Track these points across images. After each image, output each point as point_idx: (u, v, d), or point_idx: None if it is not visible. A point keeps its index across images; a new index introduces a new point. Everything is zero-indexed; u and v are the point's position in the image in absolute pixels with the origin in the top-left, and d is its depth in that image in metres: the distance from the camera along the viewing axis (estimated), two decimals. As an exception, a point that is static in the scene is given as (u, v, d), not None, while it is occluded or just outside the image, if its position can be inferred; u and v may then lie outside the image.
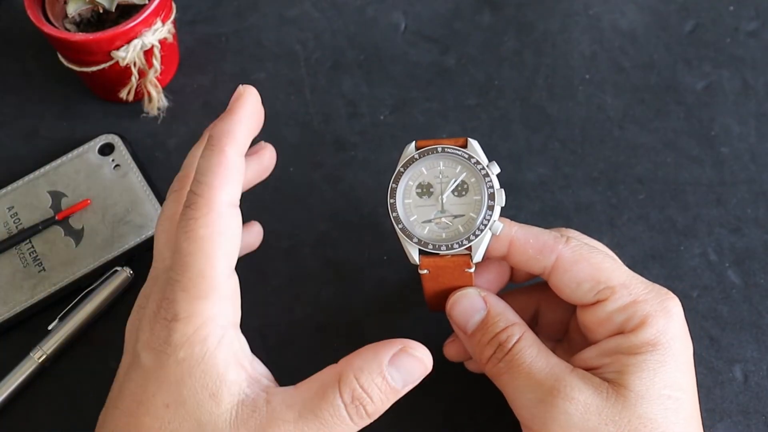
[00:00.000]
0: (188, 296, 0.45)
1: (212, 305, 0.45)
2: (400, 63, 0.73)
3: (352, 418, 0.46)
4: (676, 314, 0.49)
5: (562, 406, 0.46)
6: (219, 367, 0.45)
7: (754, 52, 0.72)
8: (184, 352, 0.45)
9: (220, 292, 0.46)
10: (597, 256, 0.50)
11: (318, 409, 0.45)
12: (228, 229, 0.46)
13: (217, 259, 0.46)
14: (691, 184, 0.66)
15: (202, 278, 0.45)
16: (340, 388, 0.45)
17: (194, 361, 0.45)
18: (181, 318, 0.45)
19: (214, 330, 0.45)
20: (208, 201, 0.46)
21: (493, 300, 0.51)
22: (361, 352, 0.47)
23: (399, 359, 0.47)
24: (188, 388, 0.45)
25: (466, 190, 0.52)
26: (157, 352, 0.45)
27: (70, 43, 0.64)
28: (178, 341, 0.45)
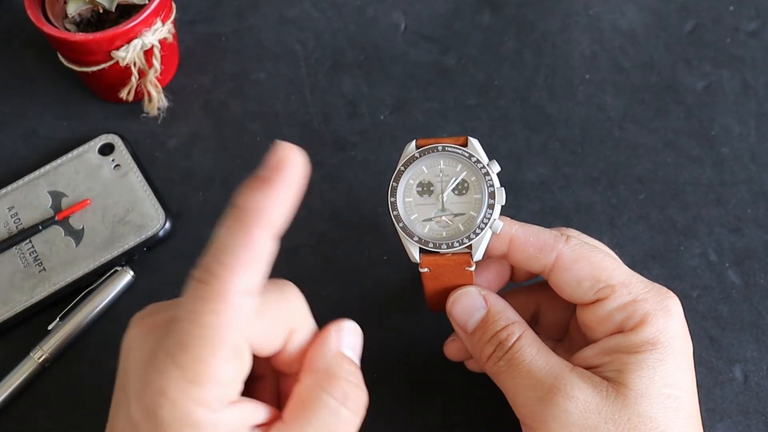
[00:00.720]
0: (183, 377, 0.39)
1: (208, 391, 0.40)
2: (400, 63, 0.73)
3: (352, 410, 0.44)
4: (675, 313, 0.49)
5: (562, 404, 0.46)
6: None
7: (754, 52, 0.72)
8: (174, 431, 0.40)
9: (218, 378, 0.40)
10: (597, 255, 0.50)
11: (320, 422, 0.43)
12: (237, 322, 0.40)
13: (220, 349, 0.39)
14: (691, 184, 0.66)
15: (201, 365, 0.39)
16: (329, 392, 0.44)
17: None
18: (169, 397, 0.39)
19: (207, 415, 0.40)
20: (222, 287, 0.39)
21: (493, 299, 0.51)
22: (313, 355, 0.45)
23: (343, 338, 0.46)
24: None
25: (466, 189, 0.52)
26: (147, 419, 0.40)
27: (70, 43, 0.64)
28: (167, 419, 0.40)
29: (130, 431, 0.41)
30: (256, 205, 0.40)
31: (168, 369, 0.39)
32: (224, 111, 0.71)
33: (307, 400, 0.44)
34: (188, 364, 0.39)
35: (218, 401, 0.41)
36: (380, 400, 0.59)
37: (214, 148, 0.69)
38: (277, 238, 0.41)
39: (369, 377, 0.59)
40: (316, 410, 0.43)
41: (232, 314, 0.39)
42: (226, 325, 0.39)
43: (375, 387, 0.59)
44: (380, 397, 0.59)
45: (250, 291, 0.40)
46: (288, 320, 0.45)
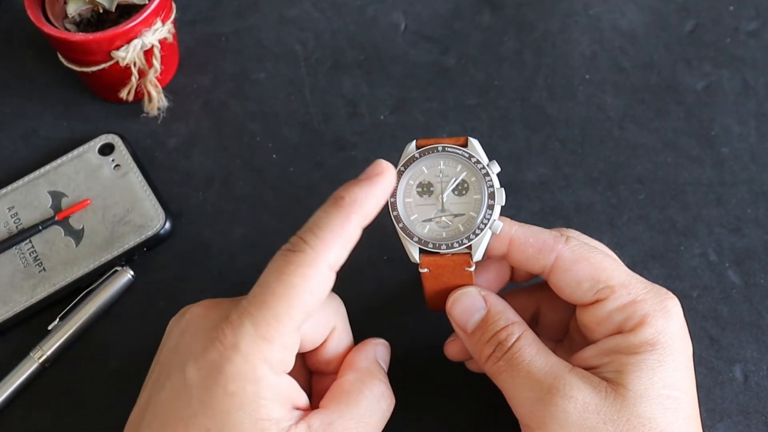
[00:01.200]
0: (256, 333, 0.44)
1: (275, 351, 0.44)
2: (400, 63, 0.73)
3: (384, 410, 0.50)
4: (675, 314, 0.49)
5: (561, 404, 0.46)
6: (268, 406, 0.44)
7: (754, 52, 0.72)
8: (235, 386, 0.44)
9: (285, 341, 0.45)
10: (597, 256, 0.50)
11: (359, 413, 0.48)
12: (320, 289, 0.46)
13: (297, 311, 0.45)
14: (691, 184, 0.66)
15: (276, 322, 0.44)
16: (369, 388, 0.49)
17: (245, 398, 0.44)
18: (240, 350, 0.44)
19: (269, 374, 0.44)
20: (315, 255, 0.45)
21: (493, 299, 0.51)
22: (357, 357, 0.52)
23: (380, 352, 0.53)
24: (235, 421, 0.44)
25: (466, 189, 0.52)
26: (206, 375, 0.44)
27: (70, 43, 0.64)
28: (231, 373, 0.43)
29: (181, 393, 0.45)
30: (356, 196, 0.47)
31: (243, 325, 0.44)
32: (224, 111, 0.71)
33: (349, 393, 0.49)
34: (264, 320, 0.44)
35: (281, 363, 0.45)
36: (380, 400, 0.59)
37: (214, 148, 0.69)
38: (363, 228, 0.48)
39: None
40: (358, 401, 0.48)
41: (319, 281, 0.45)
42: (311, 290, 0.45)
43: (375, 387, 0.59)
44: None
45: (335, 267, 0.46)
46: (332, 319, 0.52)
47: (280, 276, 0.45)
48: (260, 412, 0.44)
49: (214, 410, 0.44)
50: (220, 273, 0.64)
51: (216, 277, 0.63)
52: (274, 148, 0.69)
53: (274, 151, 0.69)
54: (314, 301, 0.45)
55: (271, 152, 0.69)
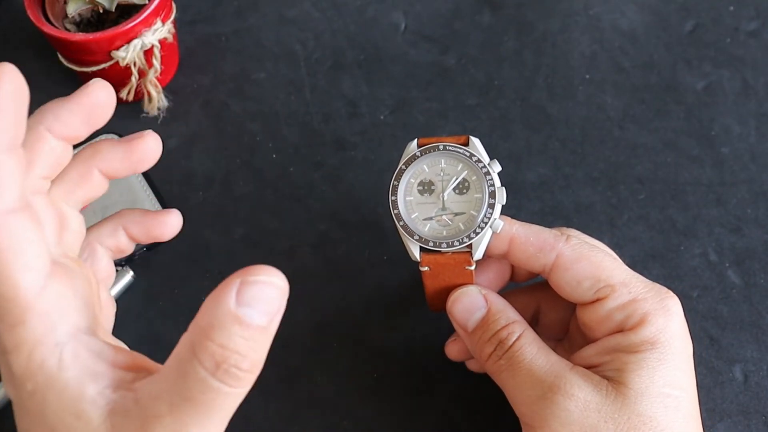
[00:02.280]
0: (6, 325, 0.37)
1: (33, 328, 0.37)
2: (400, 63, 0.73)
3: (229, 384, 0.37)
4: (675, 313, 0.49)
5: (562, 402, 0.46)
6: (72, 387, 0.38)
7: (754, 52, 0.72)
8: (30, 384, 0.38)
9: (37, 309, 0.37)
10: (597, 255, 0.50)
11: (187, 390, 0.37)
12: (16, 239, 0.36)
13: (16, 277, 0.36)
14: (691, 184, 0.66)
15: (10, 302, 0.37)
16: (198, 358, 0.36)
17: (44, 389, 0.38)
18: (9, 350, 0.38)
19: (48, 352, 0.38)
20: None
21: (493, 298, 0.51)
22: (204, 307, 0.37)
23: (245, 294, 0.36)
24: (51, 416, 0.38)
25: (467, 188, 0.52)
26: (13, 386, 0.39)
27: (70, 43, 0.64)
28: (20, 373, 0.38)
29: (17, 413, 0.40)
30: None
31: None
32: (224, 111, 0.71)
33: (180, 361, 0.37)
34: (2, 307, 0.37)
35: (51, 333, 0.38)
36: (380, 399, 0.59)
37: (214, 148, 0.69)
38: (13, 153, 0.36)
39: (370, 377, 0.59)
40: (185, 374, 0.37)
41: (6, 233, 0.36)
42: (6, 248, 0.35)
43: (375, 386, 0.59)
44: (380, 397, 0.59)
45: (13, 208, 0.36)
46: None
47: None
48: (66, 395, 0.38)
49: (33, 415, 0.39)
50: (220, 273, 0.64)
51: (216, 277, 0.63)
52: (274, 148, 0.69)
53: (274, 151, 0.69)
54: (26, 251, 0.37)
55: (271, 152, 0.69)
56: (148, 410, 0.37)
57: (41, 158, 0.43)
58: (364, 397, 0.59)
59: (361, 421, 0.58)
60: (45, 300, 0.38)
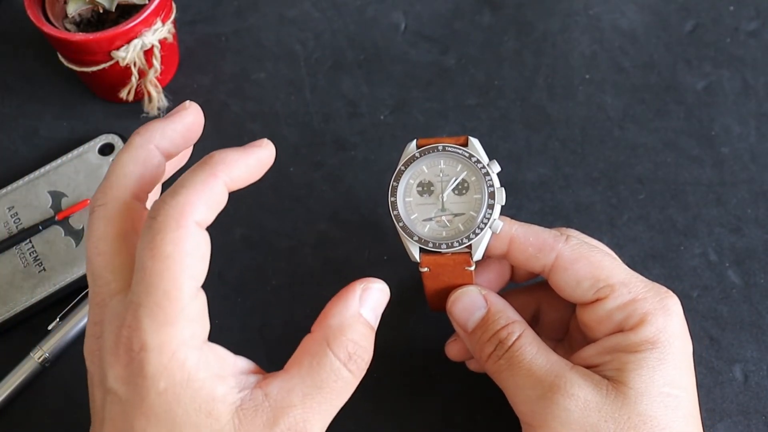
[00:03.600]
0: (155, 323, 0.41)
1: (182, 330, 0.41)
2: (400, 63, 0.73)
3: (354, 373, 0.45)
4: (675, 312, 0.49)
5: (562, 402, 0.46)
6: (206, 387, 0.42)
7: (754, 52, 0.72)
8: (164, 382, 0.41)
9: (187, 314, 0.41)
10: (597, 255, 0.50)
11: (320, 380, 0.44)
12: (196, 249, 0.41)
13: (183, 280, 0.41)
14: (691, 184, 0.66)
15: (168, 301, 0.41)
16: (333, 351, 0.44)
17: (178, 388, 0.41)
18: (152, 348, 0.41)
19: (191, 352, 0.42)
20: (179, 216, 0.41)
21: (493, 298, 0.51)
22: (331, 311, 0.46)
23: (368, 300, 0.47)
24: (180, 415, 0.41)
25: (466, 189, 0.52)
26: (135, 386, 0.41)
27: (70, 43, 0.64)
28: (155, 372, 0.41)
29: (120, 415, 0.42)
30: (225, 157, 0.44)
31: (140, 321, 0.41)
32: (224, 111, 0.71)
33: (313, 355, 0.45)
34: (157, 305, 0.40)
35: (194, 338, 0.42)
36: (381, 399, 0.59)
37: (214, 148, 0.69)
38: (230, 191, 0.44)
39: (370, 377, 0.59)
40: (319, 366, 0.44)
41: (192, 240, 0.41)
42: (186, 252, 0.41)
43: (376, 387, 0.59)
44: (381, 397, 0.59)
45: (203, 223, 0.42)
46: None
47: (153, 252, 0.41)
48: (199, 395, 0.42)
49: (157, 415, 0.41)
50: (220, 273, 0.64)
51: (216, 277, 0.63)
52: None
53: (274, 151, 0.69)
54: (195, 262, 0.42)
55: (271, 152, 0.69)
56: (280, 402, 0.43)
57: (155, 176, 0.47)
58: (364, 397, 0.59)
59: (361, 421, 0.58)
60: (193, 308, 0.42)
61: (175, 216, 0.41)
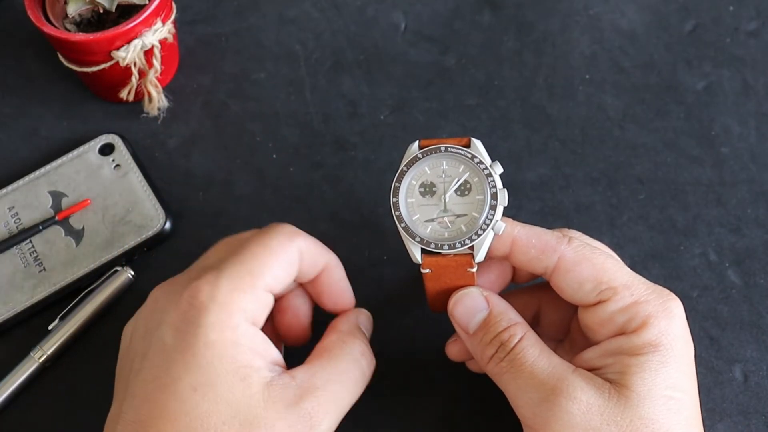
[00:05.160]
0: (232, 284, 0.48)
1: (249, 302, 0.48)
2: (400, 63, 0.73)
3: (365, 370, 0.52)
4: (677, 315, 0.49)
5: (564, 405, 0.46)
6: (247, 354, 0.47)
7: (754, 52, 0.72)
8: (215, 335, 0.46)
9: (257, 294, 0.49)
10: (599, 257, 0.50)
11: (342, 368, 0.51)
12: (293, 258, 0.51)
13: (271, 271, 0.49)
14: (691, 184, 0.66)
15: (251, 277, 0.48)
16: (350, 346, 0.52)
17: (226, 344, 0.46)
18: (219, 302, 0.47)
19: (245, 322, 0.48)
20: (291, 236, 0.52)
21: (495, 299, 0.51)
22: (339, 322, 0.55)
23: (361, 319, 0.56)
24: (218, 371, 0.46)
25: (468, 190, 0.52)
26: (185, 333, 0.46)
27: (70, 43, 0.64)
28: (210, 323, 0.46)
29: (160, 363, 0.47)
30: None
31: (219, 278, 0.48)
32: (224, 111, 0.71)
33: (332, 350, 0.51)
34: (239, 275, 0.48)
35: (254, 316, 0.49)
36: (381, 399, 0.59)
37: (214, 148, 0.69)
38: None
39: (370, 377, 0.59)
40: (340, 357, 0.51)
41: (293, 254, 0.51)
42: (285, 257, 0.51)
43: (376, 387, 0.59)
44: (381, 397, 0.59)
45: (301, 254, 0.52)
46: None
47: (261, 239, 0.50)
48: (239, 359, 0.47)
49: (198, 365, 0.46)
50: (221, 273, 0.64)
51: (216, 277, 0.63)
52: (274, 148, 0.69)
53: (274, 151, 0.69)
54: (286, 267, 0.51)
55: (271, 152, 0.69)
56: (305, 384, 0.48)
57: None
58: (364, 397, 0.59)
59: (361, 421, 0.58)
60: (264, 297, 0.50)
61: (290, 235, 0.51)
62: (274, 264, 0.50)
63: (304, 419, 0.47)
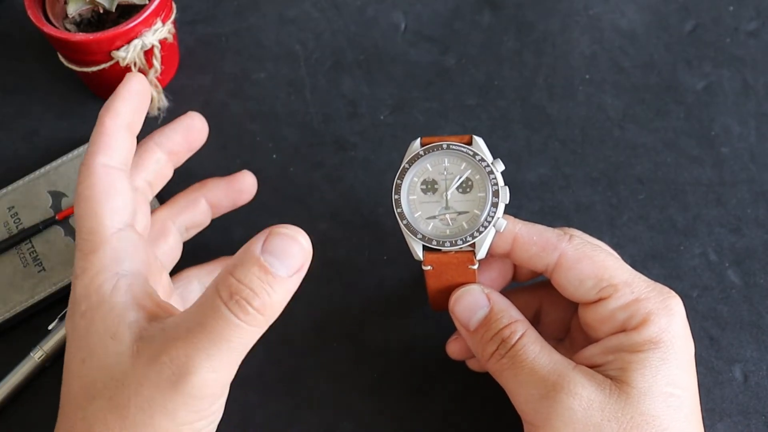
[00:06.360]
0: (82, 253, 0.47)
1: (103, 256, 0.47)
2: (400, 63, 0.73)
3: (238, 316, 0.42)
4: (678, 313, 0.49)
5: (565, 401, 0.46)
6: (116, 310, 0.45)
7: (754, 52, 0.72)
8: (85, 304, 0.46)
9: (111, 244, 0.48)
10: (600, 254, 0.50)
11: (203, 317, 0.43)
12: (112, 187, 0.49)
13: (103, 215, 0.48)
14: (691, 184, 0.66)
15: (92, 234, 0.47)
16: (217, 288, 0.43)
17: (93, 309, 0.46)
18: (78, 273, 0.47)
19: (108, 278, 0.46)
20: (88, 165, 0.49)
21: (496, 297, 0.51)
22: (237, 253, 0.44)
23: (270, 243, 0.43)
24: (93, 336, 0.45)
25: (470, 187, 0.52)
26: (70, 314, 0.47)
27: (70, 43, 0.64)
28: (80, 295, 0.46)
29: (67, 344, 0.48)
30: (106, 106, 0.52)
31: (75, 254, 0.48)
32: (224, 111, 0.71)
33: (203, 296, 0.44)
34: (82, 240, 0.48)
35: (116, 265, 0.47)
36: (381, 399, 0.59)
37: (214, 148, 0.69)
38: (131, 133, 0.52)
39: (370, 376, 0.59)
40: (202, 304, 0.44)
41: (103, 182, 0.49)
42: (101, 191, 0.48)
43: (376, 386, 0.59)
44: (381, 397, 0.59)
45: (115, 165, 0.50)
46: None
47: (77, 198, 0.49)
48: (109, 318, 0.45)
49: (80, 338, 0.46)
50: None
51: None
52: (274, 148, 0.69)
53: (274, 151, 0.69)
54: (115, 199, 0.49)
55: (271, 152, 0.69)
56: (169, 334, 0.43)
57: (149, 165, 0.56)
58: (364, 397, 0.59)
59: (361, 421, 0.58)
60: (118, 240, 0.48)
61: (86, 166, 0.49)
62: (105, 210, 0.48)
63: (165, 373, 0.42)
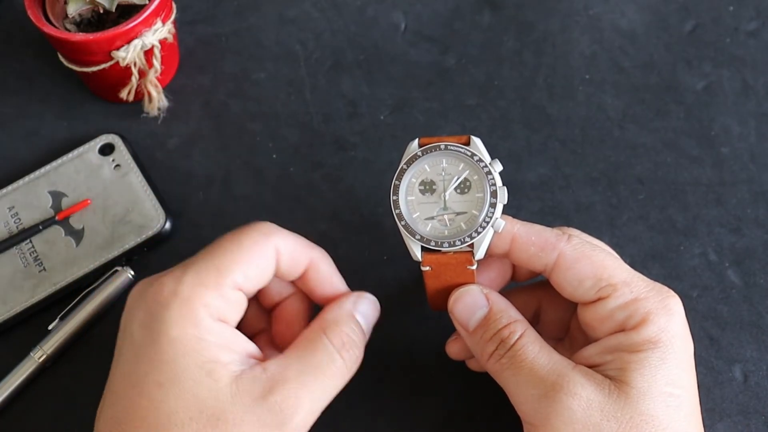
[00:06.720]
0: (196, 280, 0.47)
1: (213, 298, 0.47)
2: (400, 63, 0.73)
3: (345, 362, 0.49)
4: (677, 312, 0.49)
5: (565, 401, 0.46)
6: (212, 349, 0.46)
7: (754, 52, 0.72)
8: (177, 331, 0.46)
9: (224, 292, 0.47)
10: (599, 254, 0.50)
11: (315, 361, 0.48)
12: (267, 256, 0.50)
13: (239, 267, 0.48)
14: (691, 184, 0.66)
15: (217, 273, 0.47)
16: (328, 337, 0.49)
17: (188, 342, 0.46)
18: (179, 295, 0.46)
19: (209, 318, 0.47)
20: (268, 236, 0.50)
21: (495, 297, 0.51)
22: (327, 308, 0.52)
23: (361, 305, 0.53)
24: (182, 366, 0.45)
25: (468, 188, 0.52)
26: (149, 329, 0.46)
27: (70, 43, 0.64)
28: (172, 318, 0.46)
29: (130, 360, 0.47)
30: None
31: (185, 273, 0.47)
32: (224, 111, 0.71)
33: (309, 340, 0.49)
34: (206, 270, 0.47)
35: (219, 312, 0.47)
36: (381, 399, 0.59)
37: (214, 148, 0.69)
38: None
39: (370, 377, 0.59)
40: (314, 349, 0.49)
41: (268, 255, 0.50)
42: (257, 256, 0.49)
43: (376, 386, 0.59)
44: (381, 397, 0.59)
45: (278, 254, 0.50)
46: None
47: (234, 236, 0.49)
48: (204, 354, 0.46)
49: (162, 362, 0.45)
50: (221, 273, 0.64)
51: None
52: (274, 148, 0.69)
53: (274, 151, 0.69)
54: (256, 268, 0.49)
55: (271, 152, 0.69)
56: (276, 376, 0.47)
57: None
58: (364, 397, 0.59)
59: (361, 421, 0.58)
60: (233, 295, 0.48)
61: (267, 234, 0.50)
62: (244, 261, 0.48)
63: (274, 412, 0.46)
